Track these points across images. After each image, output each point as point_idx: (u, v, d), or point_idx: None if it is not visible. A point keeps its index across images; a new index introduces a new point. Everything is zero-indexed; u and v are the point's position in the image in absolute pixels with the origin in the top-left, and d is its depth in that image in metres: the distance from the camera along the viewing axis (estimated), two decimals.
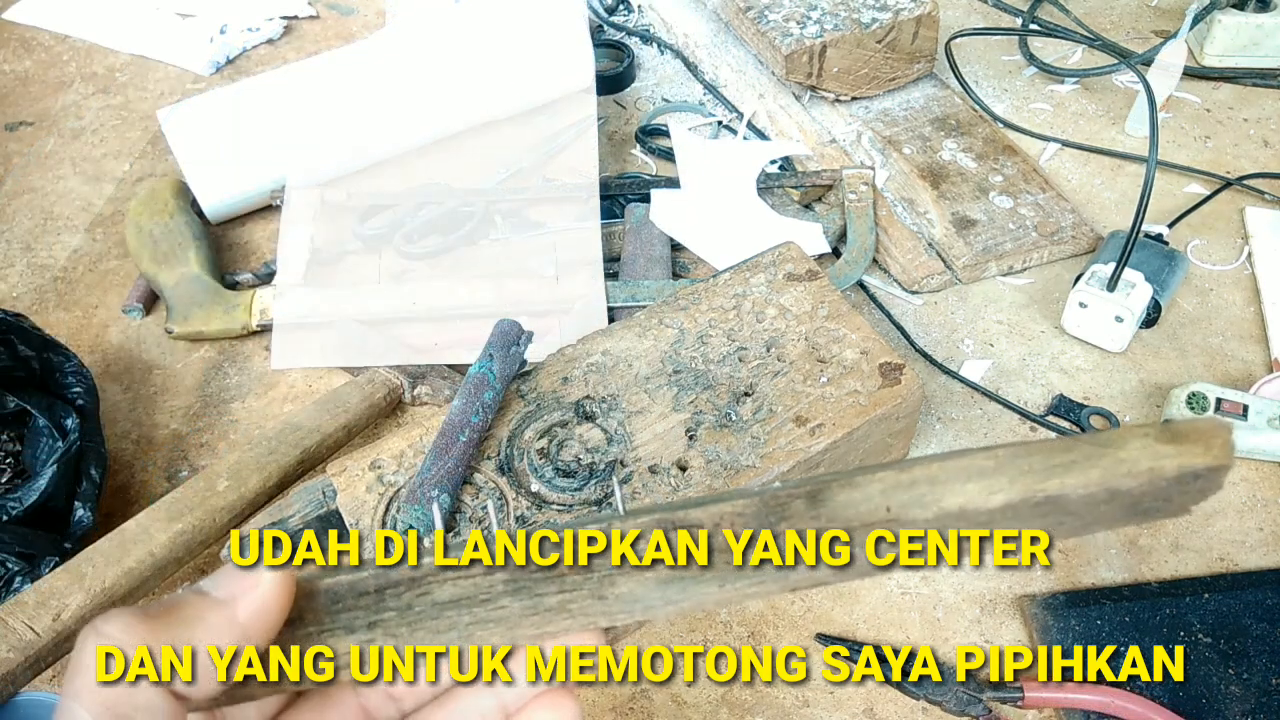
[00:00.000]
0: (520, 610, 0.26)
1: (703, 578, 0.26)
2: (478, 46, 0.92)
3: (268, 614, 0.24)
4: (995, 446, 0.25)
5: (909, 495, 0.25)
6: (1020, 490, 0.24)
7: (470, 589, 0.25)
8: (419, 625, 0.25)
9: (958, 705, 0.55)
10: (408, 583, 0.25)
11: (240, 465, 0.63)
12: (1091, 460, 0.24)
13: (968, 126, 0.92)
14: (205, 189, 0.87)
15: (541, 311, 0.76)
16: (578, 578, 0.25)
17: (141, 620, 0.23)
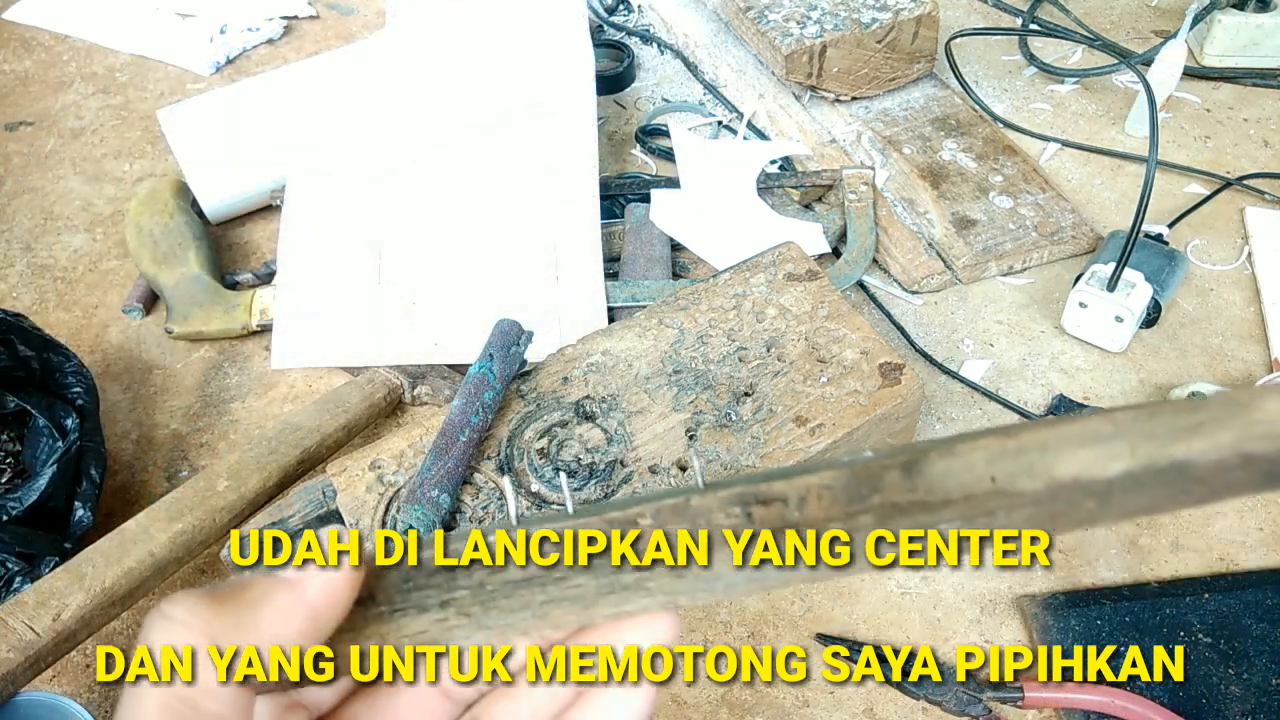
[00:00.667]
0: (596, 589, 0.24)
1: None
2: (477, 46, 0.92)
3: (338, 593, 0.23)
4: (1113, 410, 0.23)
5: (1016, 464, 0.23)
6: (1142, 458, 0.22)
7: (544, 567, 0.24)
8: (492, 604, 0.24)
9: (958, 705, 0.55)
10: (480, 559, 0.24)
11: (240, 465, 0.63)
12: (1222, 422, 0.22)
13: (968, 126, 0.92)
14: (205, 189, 0.87)
15: (541, 311, 0.76)
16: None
17: (208, 605, 0.22)
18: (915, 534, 0.24)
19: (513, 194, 0.83)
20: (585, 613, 0.25)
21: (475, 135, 0.86)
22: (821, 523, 0.24)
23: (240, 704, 0.22)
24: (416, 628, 0.25)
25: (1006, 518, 0.23)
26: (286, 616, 0.22)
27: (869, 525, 0.24)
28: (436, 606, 0.24)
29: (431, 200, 0.83)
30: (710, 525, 0.24)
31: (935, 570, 0.62)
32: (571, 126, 0.86)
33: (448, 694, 0.27)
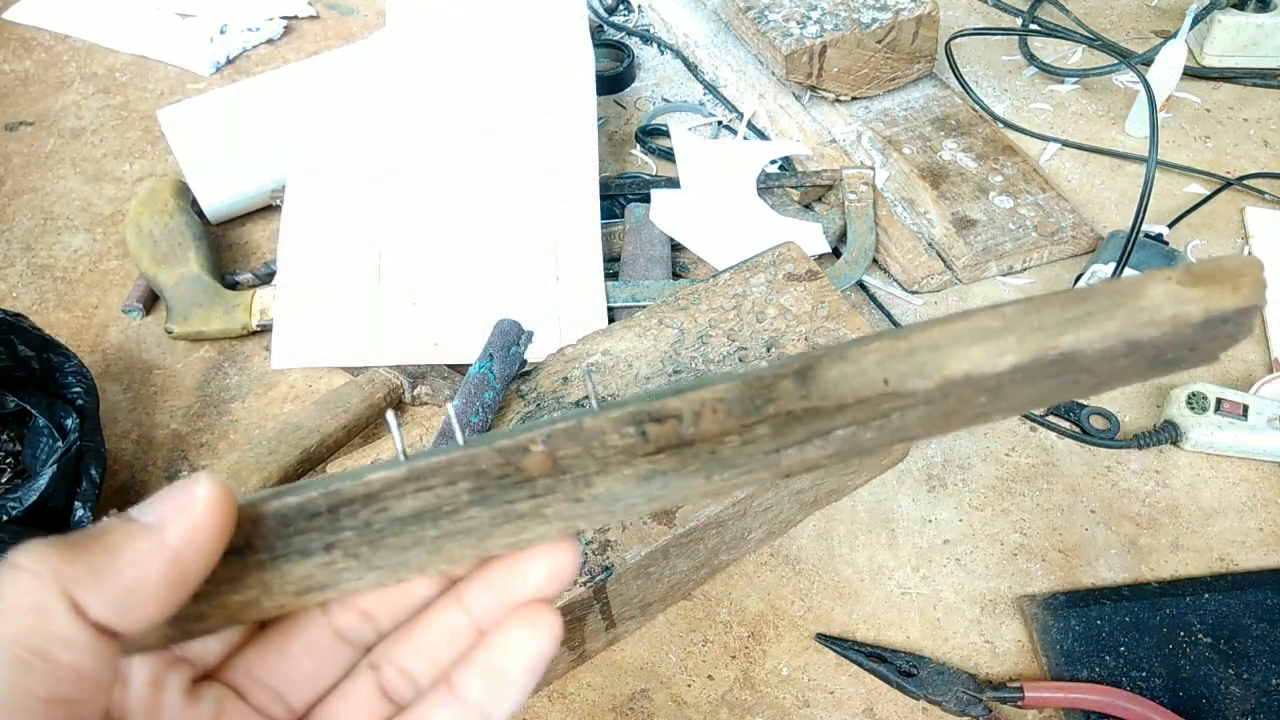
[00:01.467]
0: (490, 519, 0.23)
1: (686, 470, 0.23)
2: (477, 46, 0.92)
3: (202, 537, 0.22)
4: (1000, 304, 0.23)
5: (908, 364, 0.23)
6: (1031, 349, 0.22)
7: (433, 500, 0.23)
8: (380, 543, 0.23)
9: (958, 705, 0.55)
10: (363, 499, 0.23)
11: (240, 465, 0.63)
12: (1108, 311, 0.22)
13: (968, 126, 0.92)
14: (205, 189, 0.87)
15: (541, 311, 0.76)
16: (550, 480, 0.23)
17: (59, 550, 0.21)
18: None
19: (513, 194, 0.83)
20: (481, 544, 0.24)
21: (475, 135, 0.86)
22: (718, 436, 0.23)
23: (100, 655, 0.21)
24: (301, 573, 0.23)
25: (900, 419, 0.23)
26: (146, 561, 0.21)
27: (766, 435, 0.23)
28: (321, 550, 0.23)
29: (431, 200, 0.83)
30: (604, 446, 0.23)
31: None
32: (571, 126, 0.86)
33: (343, 635, 0.26)
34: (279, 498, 0.23)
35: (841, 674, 0.58)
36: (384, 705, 0.26)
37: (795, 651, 0.59)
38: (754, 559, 0.63)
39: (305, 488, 0.23)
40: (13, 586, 0.20)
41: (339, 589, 0.24)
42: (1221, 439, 0.66)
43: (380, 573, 0.24)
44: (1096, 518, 0.65)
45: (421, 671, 0.26)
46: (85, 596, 0.21)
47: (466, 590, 0.26)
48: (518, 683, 0.25)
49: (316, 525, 0.23)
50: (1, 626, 0.20)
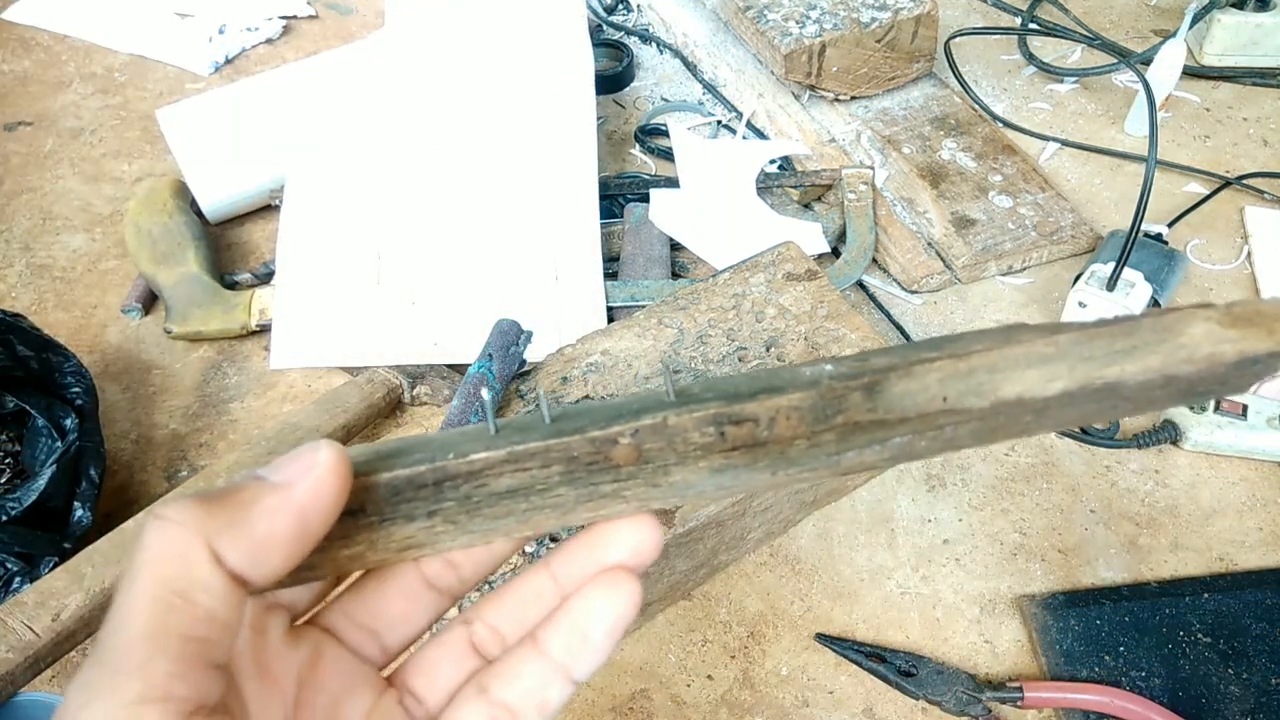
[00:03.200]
0: (575, 497, 0.26)
1: (756, 465, 0.26)
2: (477, 46, 0.92)
3: (324, 496, 0.24)
4: (1054, 331, 0.25)
5: (966, 384, 0.25)
6: (1079, 378, 0.24)
7: (527, 480, 0.26)
8: (476, 513, 0.26)
9: (957, 705, 0.55)
10: (465, 475, 0.26)
11: (239, 465, 0.63)
12: (1151, 346, 0.24)
13: (967, 126, 0.92)
14: (204, 189, 0.87)
15: (541, 311, 0.76)
16: (633, 468, 0.26)
17: (201, 504, 0.23)
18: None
19: (512, 194, 0.83)
20: (564, 517, 0.26)
21: (475, 135, 0.86)
22: (788, 440, 0.26)
23: (232, 600, 0.23)
24: (404, 534, 0.26)
25: (953, 431, 0.26)
26: (276, 517, 0.23)
27: (831, 440, 0.26)
28: (424, 516, 0.26)
29: (431, 200, 0.82)
30: (685, 442, 0.26)
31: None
32: (571, 126, 0.86)
33: (430, 582, 0.28)
34: (390, 469, 0.25)
35: (841, 674, 0.58)
36: (473, 657, 0.28)
37: (795, 651, 0.59)
38: (753, 559, 0.63)
39: (414, 460, 0.26)
40: (159, 534, 0.22)
41: (435, 548, 0.26)
42: (1221, 438, 0.66)
43: (472, 536, 0.26)
44: (1096, 517, 0.65)
45: (509, 630, 0.28)
46: (223, 546, 0.22)
47: (554, 558, 0.28)
48: (598, 644, 0.27)
49: (422, 495, 0.26)
50: (151, 570, 0.22)
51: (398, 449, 0.26)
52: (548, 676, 0.27)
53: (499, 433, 0.26)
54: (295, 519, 0.23)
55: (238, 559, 0.23)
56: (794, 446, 0.26)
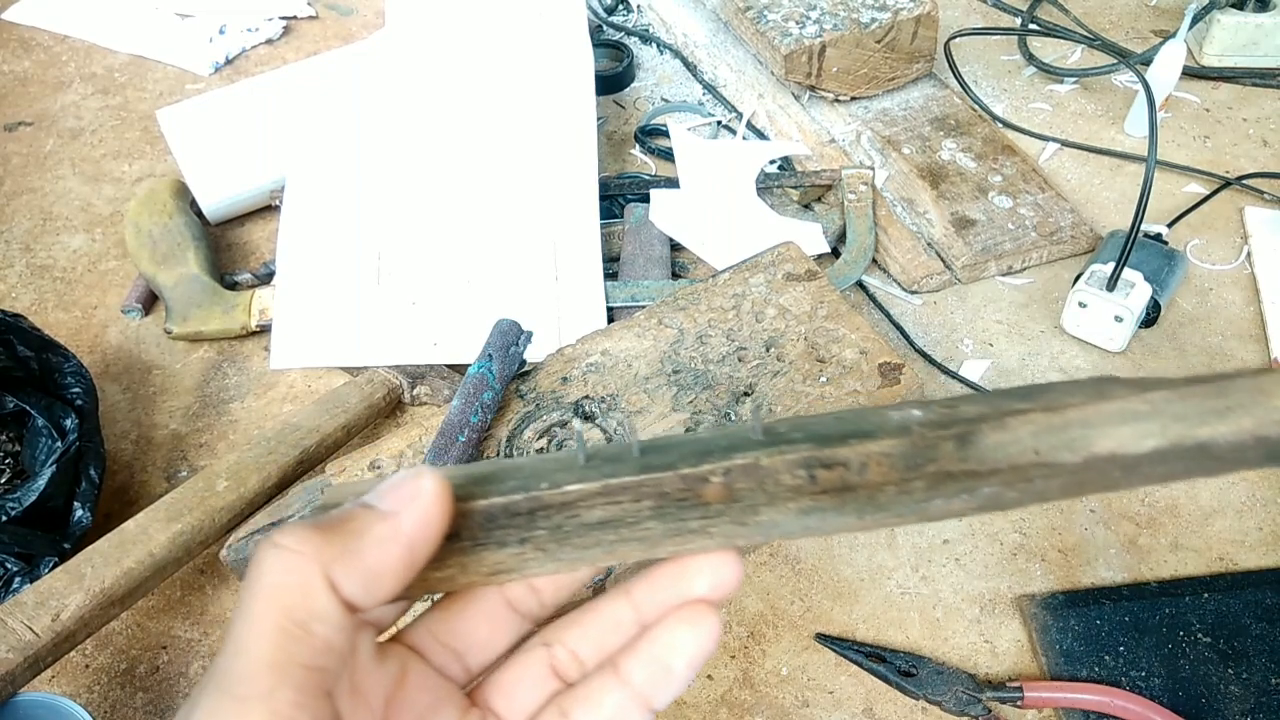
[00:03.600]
0: (663, 531, 0.26)
1: (843, 509, 0.26)
2: (477, 46, 0.92)
3: (430, 526, 0.25)
4: (1146, 388, 0.25)
5: (1059, 438, 0.25)
6: (1172, 437, 0.25)
7: (618, 513, 0.26)
8: (566, 541, 0.26)
9: (957, 705, 0.55)
10: (559, 506, 0.26)
11: (239, 465, 0.63)
12: (1245, 408, 0.25)
13: (967, 126, 0.92)
14: (204, 189, 0.87)
15: (541, 311, 0.76)
16: (721, 506, 0.26)
17: (318, 533, 0.23)
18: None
19: (513, 194, 0.83)
20: (650, 550, 0.27)
21: (475, 135, 0.86)
22: (878, 485, 0.26)
23: (346, 628, 0.23)
24: (495, 560, 0.27)
25: (1043, 485, 0.26)
26: (387, 546, 0.24)
27: (920, 488, 0.26)
28: (516, 543, 0.26)
29: (431, 200, 0.82)
30: (776, 484, 0.26)
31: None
32: (571, 126, 0.86)
33: (513, 605, 0.29)
34: (486, 496, 0.26)
35: (841, 674, 0.58)
36: (552, 680, 0.29)
37: (794, 651, 0.59)
38: (753, 559, 0.63)
39: (508, 487, 0.26)
40: (279, 563, 0.23)
41: (522, 573, 0.27)
42: None
43: (560, 564, 0.27)
44: (1096, 517, 0.65)
45: (588, 654, 0.29)
46: (338, 575, 0.23)
47: (636, 587, 0.29)
48: (679, 675, 0.27)
49: (516, 523, 0.26)
50: (272, 599, 0.23)
51: (489, 474, 0.27)
52: (628, 705, 0.27)
53: (588, 463, 0.27)
54: (404, 548, 0.24)
55: (351, 588, 0.23)
56: (883, 492, 0.26)
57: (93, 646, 0.61)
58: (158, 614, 0.63)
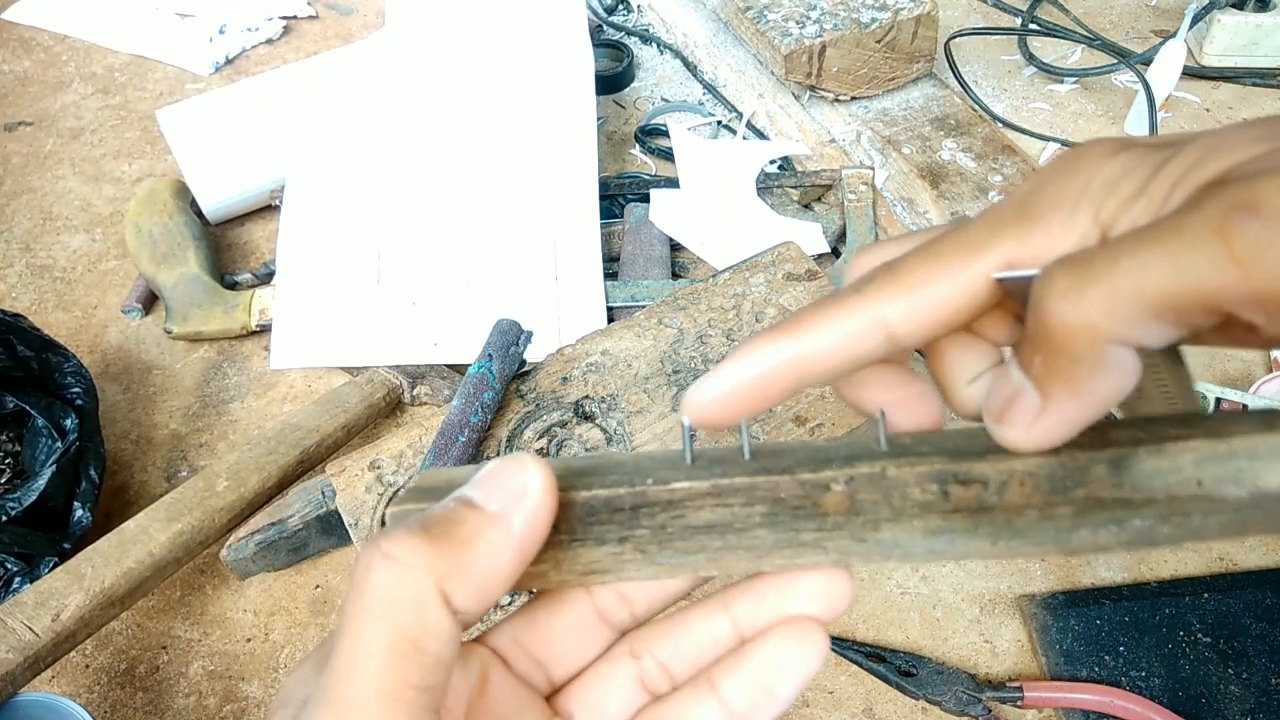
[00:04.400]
0: (774, 542, 0.25)
1: (976, 532, 0.24)
2: (477, 46, 0.92)
3: (540, 526, 0.23)
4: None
5: (1224, 469, 0.23)
6: None
7: (727, 516, 0.24)
8: (669, 544, 0.25)
9: (957, 705, 0.55)
10: (664, 504, 0.24)
11: (239, 465, 0.63)
12: None
13: (967, 126, 0.92)
14: (204, 189, 0.87)
15: (541, 311, 0.76)
16: (840, 518, 0.24)
17: (428, 543, 0.22)
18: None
19: (513, 194, 0.83)
20: (757, 562, 0.25)
21: (475, 135, 0.86)
22: (1018, 509, 0.23)
23: (457, 640, 0.22)
24: (591, 558, 0.25)
25: (1201, 520, 0.23)
26: (498, 552, 0.22)
27: (1065, 515, 0.23)
28: (615, 541, 0.25)
29: (431, 200, 0.82)
30: (903, 498, 0.24)
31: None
32: (571, 126, 0.86)
33: (603, 616, 0.28)
34: (589, 487, 0.24)
35: (841, 674, 0.58)
36: (639, 693, 0.27)
37: None
38: None
39: (611, 480, 0.24)
40: (391, 577, 0.21)
41: (619, 575, 0.25)
42: None
43: (659, 568, 0.25)
44: None
45: (680, 669, 0.27)
46: (453, 588, 0.22)
47: (735, 599, 0.27)
48: (781, 698, 0.25)
49: (617, 519, 0.25)
50: (386, 617, 0.21)
51: (589, 467, 0.25)
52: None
53: (695, 462, 0.25)
54: (517, 554, 0.23)
55: (465, 600, 0.22)
56: (1023, 516, 0.24)
57: (93, 646, 0.61)
58: (158, 614, 0.63)
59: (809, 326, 0.24)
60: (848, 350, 0.24)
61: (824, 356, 0.24)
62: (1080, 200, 0.22)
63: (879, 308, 0.23)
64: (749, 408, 0.25)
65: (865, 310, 0.23)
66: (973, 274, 0.23)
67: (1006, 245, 0.22)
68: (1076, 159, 0.22)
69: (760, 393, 0.24)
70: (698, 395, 0.25)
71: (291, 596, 0.63)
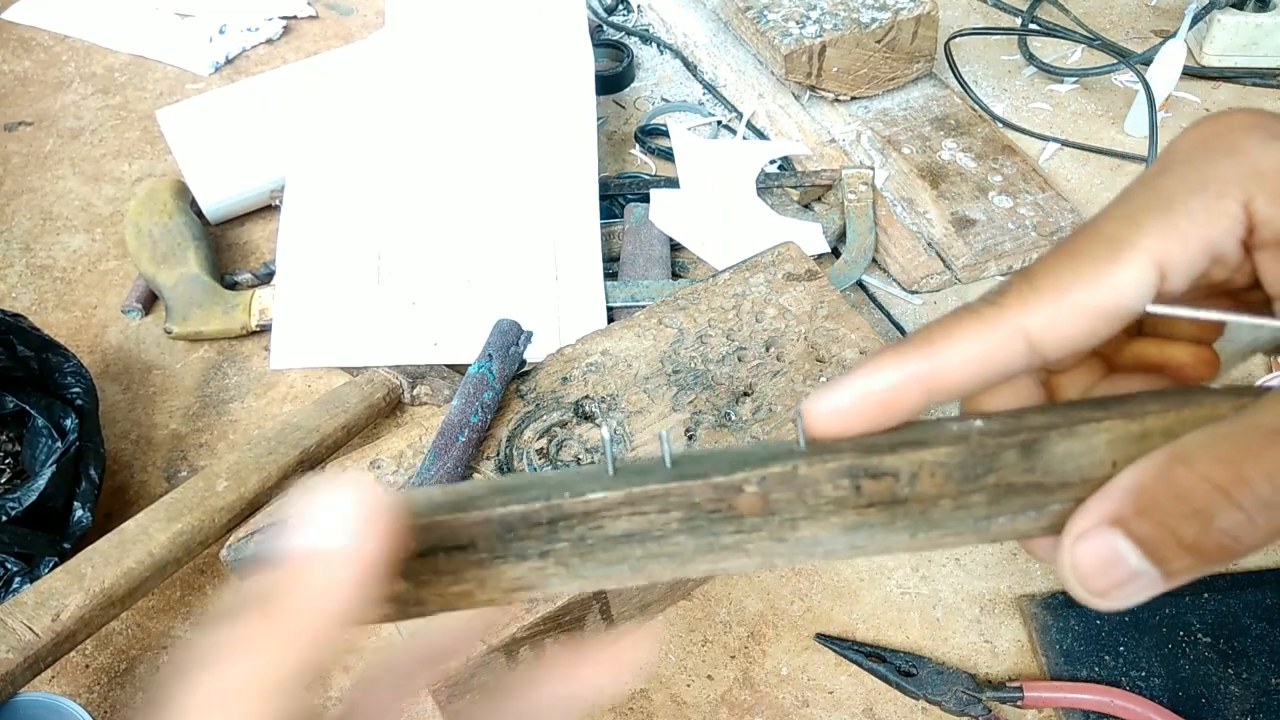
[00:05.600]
0: (694, 547, 0.24)
1: (894, 525, 0.24)
2: (477, 46, 0.92)
3: (349, 592, 0.22)
4: (1238, 394, 0.23)
5: (1139, 449, 0.23)
6: None
7: (644, 524, 0.24)
8: (590, 556, 0.25)
9: (957, 705, 0.55)
10: (581, 516, 0.24)
11: (239, 465, 0.63)
12: None
13: (967, 126, 0.92)
14: (204, 189, 0.87)
15: (541, 311, 0.76)
16: (758, 519, 0.24)
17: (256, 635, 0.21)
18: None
19: (513, 194, 0.83)
20: (681, 568, 0.25)
21: (475, 135, 0.86)
22: (932, 499, 0.24)
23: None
24: (514, 574, 0.25)
25: None
26: (325, 625, 0.21)
27: (980, 503, 0.24)
28: (536, 556, 0.25)
29: (431, 200, 0.82)
30: (817, 495, 0.24)
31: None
32: (571, 126, 0.86)
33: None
34: (505, 505, 0.24)
35: (841, 674, 0.58)
36: None
37: (795, 651, 0.59)
38: None
39: (529, 496, 0.24)
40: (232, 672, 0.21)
41: (544, 590, 0.25)
42: None
43: (585, 581, 0.25)
44: None
45: None
46: (295, 675, 0.21)
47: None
48: None
49: (535, 534, 0.24)
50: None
51: (513, 485, 0.25)
52: None
53: (617, 473, 0.25)
54: (341, 621, 0.22)
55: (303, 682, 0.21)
56: (938, 507, 0.24)
57: (93, 647, 0.61)
58: (158, 614, 0.63)
59: (943, 341, 0.23)
60: (984, 365, 0.23)
61: (957, 371, 0.23)
62: (1227, 185, 0.21)
63: (1019, 319, 0.22)
64: (871, 422, 0.24)
65: (1004, 322, 0.23)
66: (1118, 280, 0.21)
67: (1149, 239, 0.21)
68: (1218, 135, 0.21)
69: (886, 407, 0.24)
70: (819, 405, 0.24)
71: None
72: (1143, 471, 0.22)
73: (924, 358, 0.23)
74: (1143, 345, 0.27)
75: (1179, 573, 0.21)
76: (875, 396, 0.24)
